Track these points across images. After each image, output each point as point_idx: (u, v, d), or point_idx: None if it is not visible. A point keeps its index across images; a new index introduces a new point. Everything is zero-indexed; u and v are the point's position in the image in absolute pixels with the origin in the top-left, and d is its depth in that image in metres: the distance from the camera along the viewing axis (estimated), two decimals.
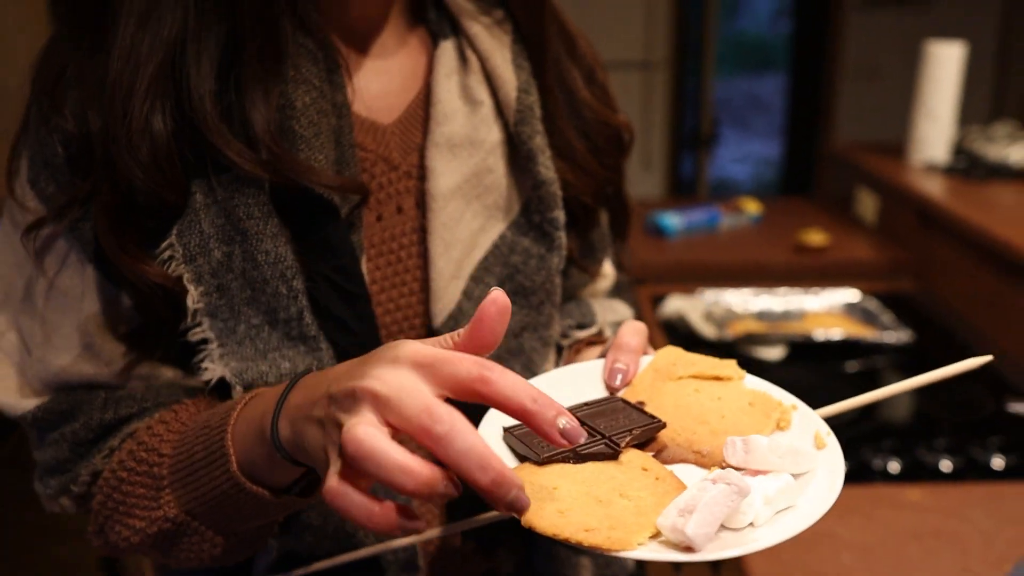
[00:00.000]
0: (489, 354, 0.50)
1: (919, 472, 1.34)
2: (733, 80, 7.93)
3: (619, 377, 0.67)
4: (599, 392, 0.67)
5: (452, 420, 0.44)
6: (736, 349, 1.82)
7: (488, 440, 0.50)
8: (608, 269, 0.94)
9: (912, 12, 4.20)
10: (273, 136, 0.65)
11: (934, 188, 2.17)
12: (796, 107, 4.74)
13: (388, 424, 0.46)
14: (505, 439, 0.58)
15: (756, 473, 0.55)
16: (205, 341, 0.68)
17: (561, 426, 0.47)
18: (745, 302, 2.01)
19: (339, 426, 0.48)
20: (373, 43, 0.77)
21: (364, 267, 0.73)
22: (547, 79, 0.79)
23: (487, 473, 0.44)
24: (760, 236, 2.48)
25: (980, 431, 1.44)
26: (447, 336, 0.51)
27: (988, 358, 0.61)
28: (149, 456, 0.66)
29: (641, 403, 0.64)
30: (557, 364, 0.86)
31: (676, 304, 1.96)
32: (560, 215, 0.78)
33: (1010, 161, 2.22)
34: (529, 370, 0.80)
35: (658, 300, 2.04)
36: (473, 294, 0.77)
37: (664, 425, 0.61)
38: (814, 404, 0.64)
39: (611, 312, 0.95)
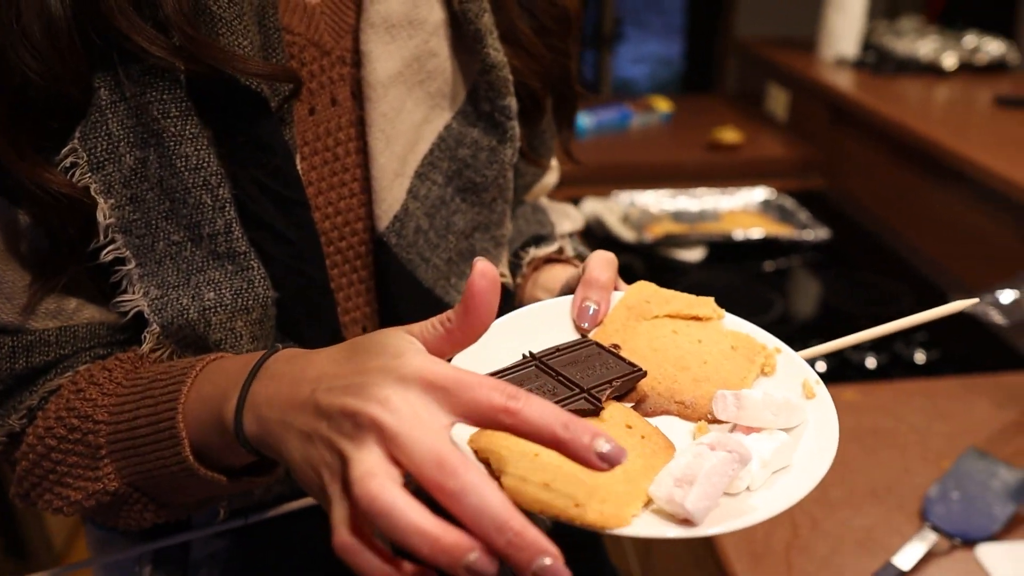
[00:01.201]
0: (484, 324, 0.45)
1: (846, 371, 1.33)
2: None
3: (590, 317, 0.61)
4: (568, 333, 0.61)
5: (466, 473, 0.39)
6: (656, 251, 1.77)
7: None
8: (555, 162, 0.88)
9: None
10: (187, 16, 0.56)
11: (844, 82, 2.13)
12: (696, 3, 4.66)
13: (395, 462, 0.40)
14: None
15: (748, 431, 0.51)
16: (120, 262, 0.59)
17: (599, 450, 0.40)
18: (661, 203, 1.96)
19: (339, 454, 0.41)
20: None
21: (299, 168, 0.64)
22: None
23: (503, 535, 0.38)
24: (672, 135, 2.42)
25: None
26: (436, 321, 0.46)
27: (974, 300, 0.60)
28: (82, 424, 0.58)
29: (616, 346, 0.59)
30: (514, 279, 0.80)
31: (592, 207, 1.89)
32: (512, 103, 0.71)
33: (919, 55, 2.20)
34: None
35: (573, 203, 1.96)
36: (419, 193, 0.69)
37: (645, 374, 0.56)
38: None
39: (565, 219, 0.89)
